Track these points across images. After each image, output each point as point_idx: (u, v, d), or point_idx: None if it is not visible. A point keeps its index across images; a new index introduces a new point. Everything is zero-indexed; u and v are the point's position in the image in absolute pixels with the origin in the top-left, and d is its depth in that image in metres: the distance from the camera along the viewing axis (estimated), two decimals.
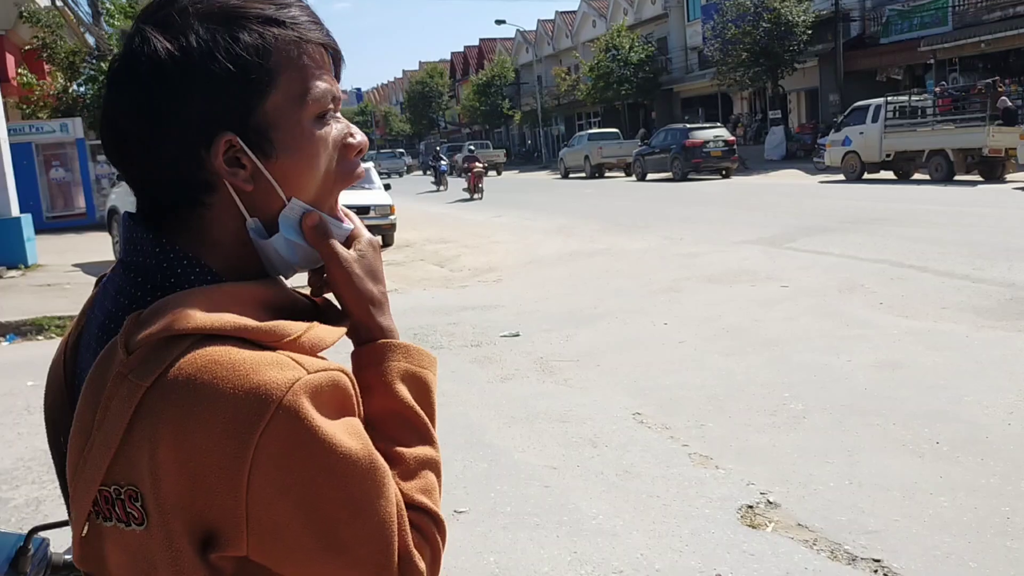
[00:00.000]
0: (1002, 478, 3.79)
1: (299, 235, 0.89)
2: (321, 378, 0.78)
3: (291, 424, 0.75)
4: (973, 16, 27.39)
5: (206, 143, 0.84)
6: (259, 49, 0.84)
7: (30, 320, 8.35)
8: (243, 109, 0.84)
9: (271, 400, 0.75)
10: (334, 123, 0.90)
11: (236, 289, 0.84)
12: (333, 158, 0.89)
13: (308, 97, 0.86)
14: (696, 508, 3.69)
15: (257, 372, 0.75)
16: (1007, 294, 7.38)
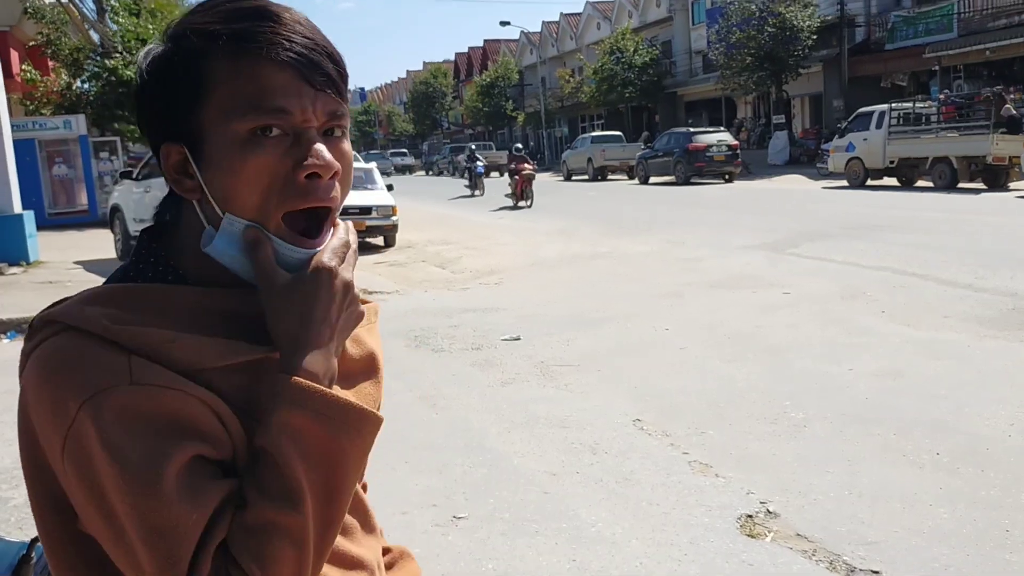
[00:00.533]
0: (1002, 490, 3.78)
1: (239, 249, 0.90)
2: (135, 392, 0.82)
3: (85, 427, 0.81)
4: (978, 23, 27.38)
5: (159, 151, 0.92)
6: (190, 63, 0.88)
7: (31, 317, 8.34)
8: (182, 120, 0.89)
9: (77, 399, 0.81)
10: (275, 142, 0.87)
11: (168, 291, 0.90)
12: (274, 176, 0.88)
13: (230, 117, 0.87)
14: (695, 517, 3.68)
15: (80, 371, 0.82)
16: (1009, 304, 7.37)
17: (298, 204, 0.89)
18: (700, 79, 42.05)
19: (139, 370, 0.83)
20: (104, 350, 0.83)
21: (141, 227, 13.40)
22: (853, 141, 22.46)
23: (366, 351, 1.05)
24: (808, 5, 30.84)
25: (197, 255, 0.92)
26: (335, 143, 0.92)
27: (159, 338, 0.85)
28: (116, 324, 0.84)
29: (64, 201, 20.21)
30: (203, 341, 0.86)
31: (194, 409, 0.84)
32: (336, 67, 0.92)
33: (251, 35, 0.87)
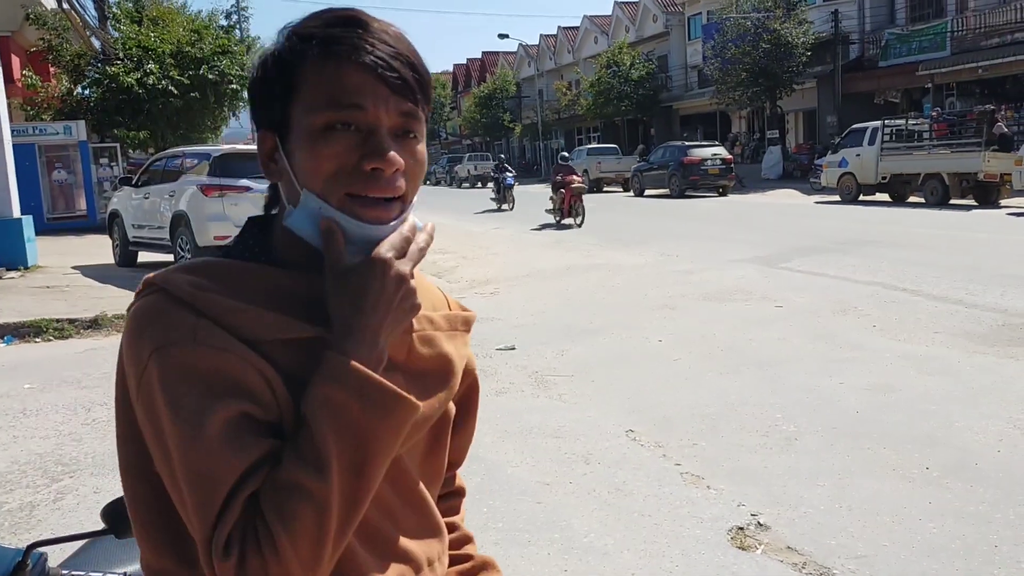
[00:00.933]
0: (991, 505, 3.81)
1: (312, 223, 0.99)
2: (196, 351, 0.92)
3: (152, 373, 0.92)
4: (971, 42, 27.58)
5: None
6: (288, 63, 0.99)
7: (28, 322, 8.36)
8: (276, 112, 1.01)
9: (149, 348, 0.93)
10: (347, 135, 0.97)
11: (248, 268, 1.01)
12: (341, 165, 0.97)
13: (314, 109, 0.97)
14: (687, 528, 3.72)
15: (158, 325, 0.94)
16: (1000, 320, 7.43)
17: (359, 191, 0.97)
18: (695, 93, 42.23)
19: (204, 332, 0.93)
20: (180, 311, 0.94)
21: (139, 233, 13.31)
22: (846, 156, 22.57)
23: (439, 353, 1.11)
24: (803, 22, 31.05)
25: (285, 241, 1.03)
26: (407, 143, 1.00)
27: (226, 306, 0.95)
28: (196, 289, 0.95)
29: (63, 206, 20.19)
30: (265, 315, 0.95)
31: (246, 372, 0.93)
32: (415, 73, 0.99)
33: (339, 39, 0.97)
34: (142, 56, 20.70)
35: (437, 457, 1.17)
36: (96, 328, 8.46)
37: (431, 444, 1.14)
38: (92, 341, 8.14)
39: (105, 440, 5.12)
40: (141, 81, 20.32)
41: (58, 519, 4.00)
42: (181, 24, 22.03)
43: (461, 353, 1.15)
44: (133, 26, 21.67)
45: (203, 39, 21.59)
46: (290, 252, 1.03)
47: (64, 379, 6.66)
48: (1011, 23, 26.68)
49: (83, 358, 7.42)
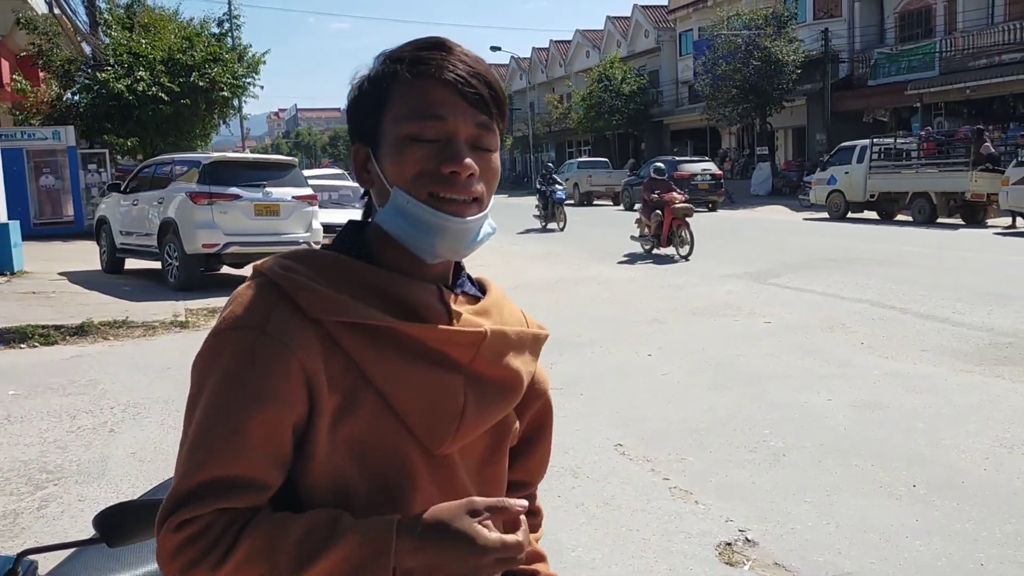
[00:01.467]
0: (977, 524, 3.82)
1: (401, 217, 1.09)
2: (258, 337, 1.01)
3: (217, 345, 1.03)
4: (960, 63, 27.82)
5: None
6: (380, 82, 1.10)
7: (13, 328, 8.29)
8: (368, 126, 1.12)
9: (222, 325, 1.03)
10: (428, 144, 1.07)
11: (337, 259, 1.09)
12: (423, 168, 1.07)
13: (401, 120, 1.07)
14: (675, 544, 3.71)
15: (239, 306, 1.04)
16: (986, 339, 7.47)
17: (438, 191, 1.07)
18: (686, 109, 42.43)
19: (276, 319, 1.02)
20: (267, 293, 1.04)
21: (127, 240, 13.20)
22: (835, 174, 22.70)
23: (505, 364, 1.15)
24: (793, 40, 31.28)
25: (377, 240, 1.13)
26: (483, 156, 1.10)
27: (303, 284, 1.04)
28: (283, 271, 1.05)
29: (50, 212, 20.06)
30: (337, 298, 1.03)
31: (294, 376, 1.01)
32: (491, 91, 1.10)
33: (425, 60, 1.08)
34: (133, 62, 20.66)
35: (495, 467, 1.21)
36: (82, 335, 8.40)
37: (489, 452, 1.19)
38: (78, 348, 8.09)
39: (90, 448, 5.09)
40: (131, 87, 20.27)
41: (42, 527, 3.96)
42: (172, 31, 22.00)
43: (528, 369, 1.21)
44: (124, 32, 21.64)
45: (194, 46, 21.57)
46: (381, 250, 1.12)
47: (49, 386, 6.61)
48: (999, 44, 26.94)
49: (69, 365, 7.37)
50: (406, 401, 1.06)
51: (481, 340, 1.10)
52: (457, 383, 1.09)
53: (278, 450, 1.02)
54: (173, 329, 8.74)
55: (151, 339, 8.45)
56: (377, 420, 1.05)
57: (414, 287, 1.09)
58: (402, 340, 1.06)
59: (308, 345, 1.02)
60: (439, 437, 1.08)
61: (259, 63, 23.10)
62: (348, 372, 1.04)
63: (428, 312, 1.09)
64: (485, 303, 1.19)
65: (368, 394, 1.04)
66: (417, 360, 1.06)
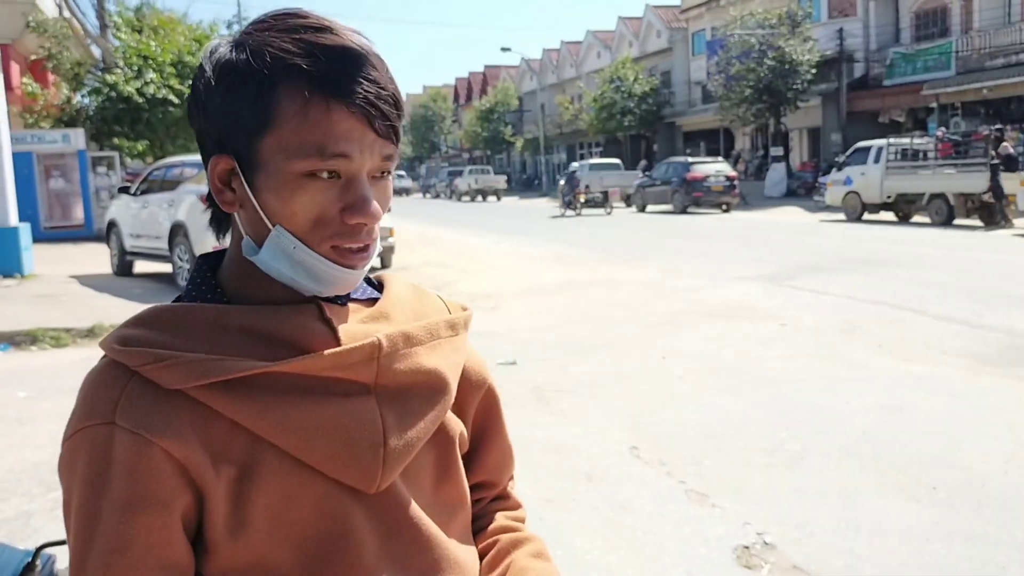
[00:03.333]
0: (999, 527, 3.75)
1: (286, 262, 0.93)
2: (108, 430, 0.87)
3: (63, 450, 0.92)
4: (976, 62, 27.66)
5: (209, 160, 0.96)
6: (262, 88, 0.89)
7: (24, 330, 8.30)
8: (242, 141, 0.92)
9: (69, 426, 0.91)
10: (328, 184, 0.91)
11: (190, 310, 0.94)
12: (322, 213, 0.91)
13: (294, 154, 0.89)
14: (692, 547, 3.65)
15: (87, 398, 0.91)
16: (1006, 341, 7.37)
17: (342, 243, 0.93)
18: (699, 109, 42.33)
19: (124, 408, 0.88)
20: (112, 376, 0.90)
21: (137, 243, 13.25)
22: (851, 175, 22.56)
23: (418, 368, 1.00)
24: (807, 40, 31.14)
25: (237, 276, 0.99)
26: (381, 184, 0.95)
27: (150, 358, 0.88)
28: (122, 345, 0.90)
29: (60, 215, 20.15)
30: (193, 360, 0.88)
31: (156, 467, 0.87)
32: (397, 112, 0.94)
33: (328, 78, 0.89)
34: (142, 65, 20.75)
35: (451, 483, 1.07)
36: (92, 337, 8.39)
37: (439, 470, 1.05)
38: (88, 350, 8.08)
39: None
40: (141, 90, 20.36)
41: (55, 527, 3.93)
42: (182, 33, 22.09)
43: (452, 361, 1.04)
44: (134, 35, 21.72)
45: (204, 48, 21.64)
46: (242, 284, 0.98)
47: (60, 388, 6.59)
48: (1016, 44, 26.76)
49: (79, 367, 7.33)
50: (311, 447, 0.90)
51: (377, 351, 0.95)
52: (368, 406, 0.93)
53: (169, 558, 0.88)
54: None
55: None
56: (288, 479, 0.90)
57: (287, 314, 0.94)
58: (285, 381, 0.90)
59: (172, 427, 0.87)
60: (367, 474, 0.93)
61: None
62: (235, 436, 0.89)
63: (308, 338, 0.93)
64: (382, 305, 1.03)
65: (267, 453, 0.90)
66: (311, 397, 0.91)
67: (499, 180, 49.04)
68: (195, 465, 0.88)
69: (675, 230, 21.51)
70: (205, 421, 0.88)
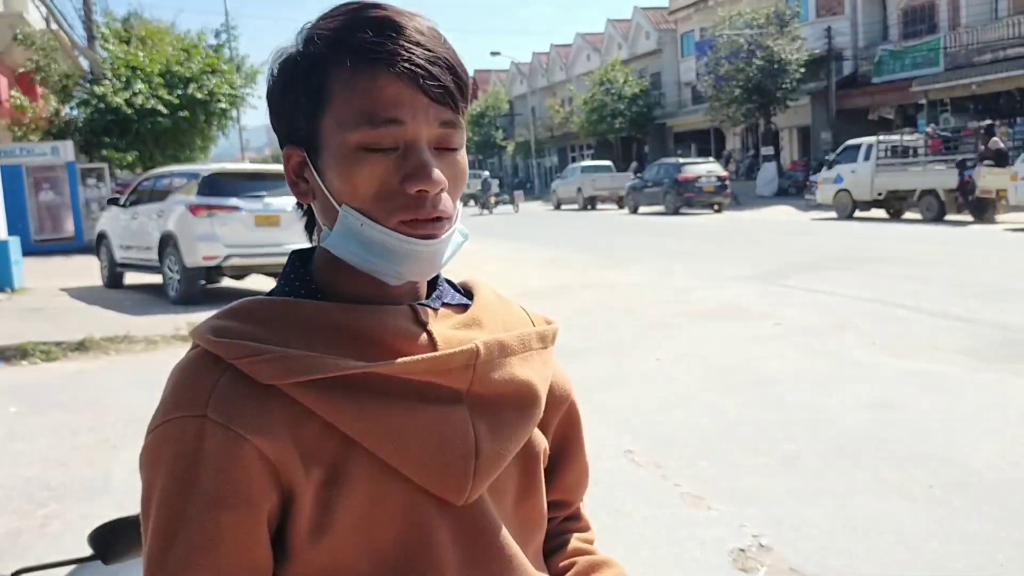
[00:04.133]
0: (996, 524, 3.73)
1: (355, 241, 0.91)
2: (200, 423, 0.84)
3: (147, 441, 0.88)
4: (964, 58, 27.77)
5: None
6: (314, 72, 0.89)
7: (14, 345, 8.24)
8: (304, 127, 0.92)
9: (158, 416, 0.87)
10: (386, 154, 0.89)
11: (284, 304, 0.92)
12: (383, 185, 0.89)
13: (348, 126, 0.88)
14: (688, 550, 3.63)
15: (178, 388, 0.87)
16: (999, 336, 7.37)
17: (406, 216, 0.89)
18: (689, 110, 42.41)
19: (217, 400, 0.85)
20: (205, 367, 0.87)
21: (127, 254, 13.18)
22: (841, 173, 22.61)
23: (511, 379, 0.97)
24: (796, 39, 31.22)
25: (326, 266, 0.96)
26: (448, 156, 0.92)
27: (248, 351, 0.86)
28: (218, 336, 0.87)
29: (50, 228, 20.05)
30: (290, 355, 0.85)
31: (248, 464, 0.85)
32: (455, 78, 0.90)
33: (371, 47, 0.87)
34: (130, 75, 20.68)
35: (532, 501, 1.03)
36: (83, 351, 8.34)
37: (523, 484, 1.02)
38: (79, 364, 8.03)
39: (93, 465, 5.03)
40: (129, 101, 20.28)
41: (45, 545, 3.90)
42: (170, 43, 22.00)
43: (542, 375, 1.01)
44: (122, 45, 21.64)
45: (192, 58, 21.59)
46: (333, 279, 0.95)
47: (51, 403, 6.56)
48: (1004, 39, 26.86)
49: (70, 381, 7.32)
50: (405, 454, 0.87)
51: (474, 358, 0.92)
52: (460, 415, 0.91)
53: (253, 560, 0.86)
54: (175, 343, 8.66)
55: (153, 353, 8.38)
56: (376, 485, 0.88)
57: (382, 315, 0.91)
58: (381, 383, 0.88)
59: (265, 423, 0.84)
60: (457, 485, 0.90)
61: (257, 73, 23.04)
62: (327, 437, 0.87)
63: (403, 341, 0.91)
64: (474, 311, 1.01)
65: (358, 457, 0.87)
66: (405, 402, 0.89)
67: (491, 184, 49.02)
68: (286, 465, 0.85)
69: (668, 231, 21.52)
70: (298, 419, 0.86)
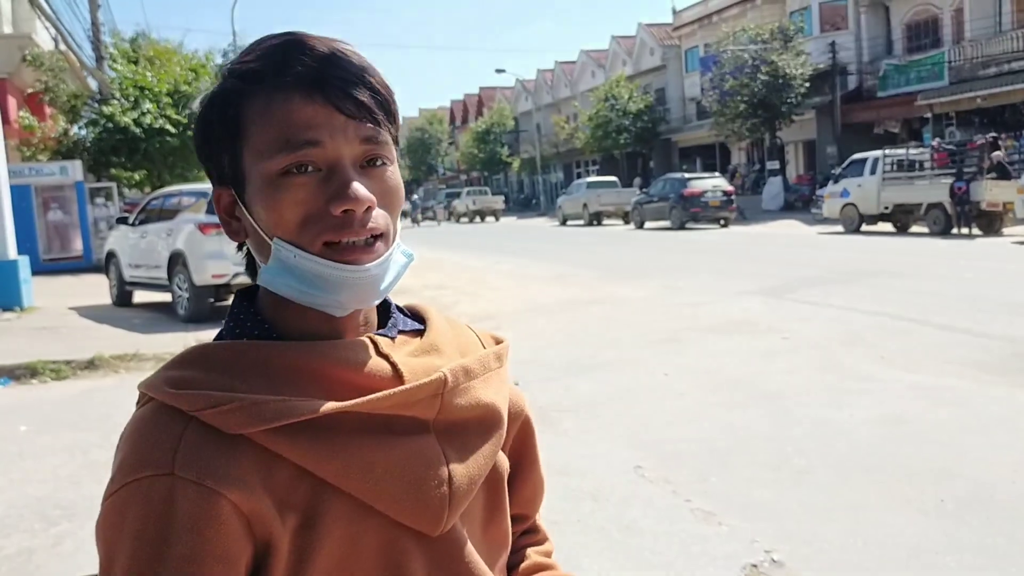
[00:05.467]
0: (1009, 538, 3.72)
1: (290, 273, 0.88)
2: (169, 481, 0.80)
3: (106, 508, 0.84)
4: (969, 72, 27.79)
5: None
6: (229, 106, 0.88)
7: (24, 364, 8.27)
8: (228, 165, 0.90)
9: (117, 478, 0.83)
10: (308, 178, 0.86)
11: (239, 348, 0.88)
12: (308, 211, 0.86)
13: (266, 154, 0.86)
14: (700, 567, 3.62)
15: (138, 446, 0.83)
16: (1008, 349, 7.35)
17: (333, 237, 0.86)
18: (694, 125, 42.49)
19: (185, 457, 0.81)
20: (165, 422, 0.83)
21: (136, 272, 13.22)
22: (847, 187, 22.62)
23: (476, 403, 0.96)
24: (800, 53, 31.31)
25: (273, 308, 0.93)
26: (375, 172, 0.89)
27: (212, 401, 0.82)
28: (177, 388, 0.83)
29: (59, 246, 20.14)
30: (255, 401, 0.82)
31: (224, 521, 0.81)
32: (373, 93, 0.88)
33: (280, 70, 0.86)
34: (138, 95, 20.84)
35: (498, 521, 1.03)
36: (93, 369, 8.37)
37: (489, 508, 1.01)
38: (89, 382, 8.05)
39: (103, 483, 4.97)
40: (138, 120, 20.43)
41: (57, 564, 3.91)
42: (177, 63, 22.18)
43: (502, 394, 1.01)
44: (130, 66, 21.81)
45: (200, 77, 21.76)
46: (281, 317, 0.92)
47: (61, 421, 6.57)
48: (1008, 52, 26.88)
49: (80, 399, 7.33)
50: (381, 490, 0.85)
51: (442, 387, 0.91)
52: (430, 444, 0.89)
53: None
54: None
55: None
56: (352, 526, 0.86)
57: (343, 351, 0.89)
58: (350, 421, 0.85)
59: (237, 475, 0.81)
60: (434, 516, 0.89)
61: None
62: (299, 482, 0.84)
63: (368, 375, 0.88)
64: (431, 337, 0.98)
65: (332, 499, 0.85)
66: (376, 437, 0.86)
67: (497, 201, 49.17)
68: (261, 516, 0.82)
69: (674, 246, 21.53)
70: (268, 467, 0.82)
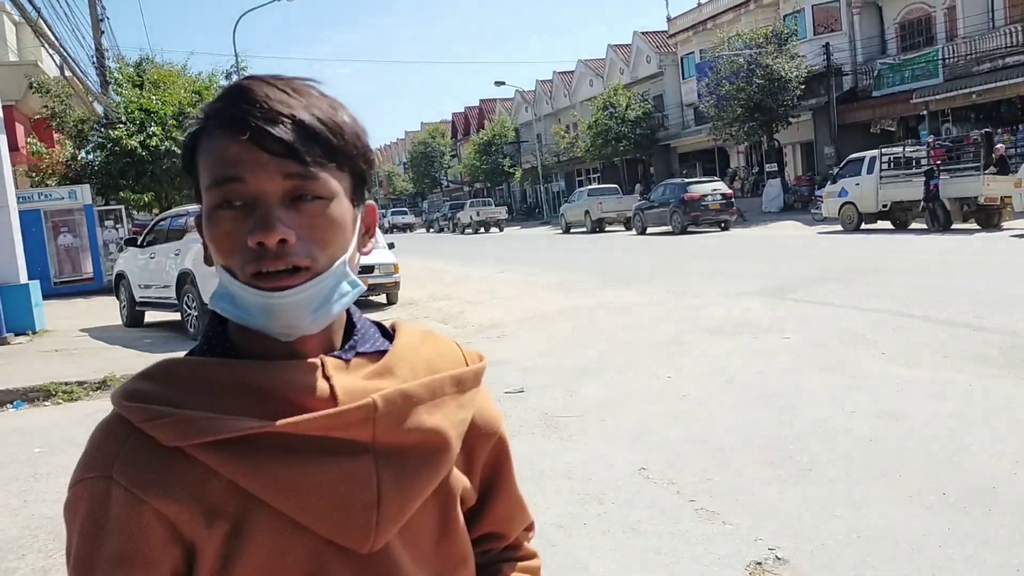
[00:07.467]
0: (1011, 530, 3.77)
1: (227, 299, 0.95)
2: (107, 483, 0.90)
3: (68, 497, 0.93)
4: (963, 68, 27.82)
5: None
6: (189, 142, 0.97)
7: (38, 386, 8.36)
8: (196, 194, 0.99)
9: (74, 475, 0.93)
10: (235, 212, 0.92)
11: (192, 364, 0.96)
12: (233, 242, 0.92)
13: (207, 187, 0.94)
14: (705, 566, 3.68)
15: (91, 449, 0.93)
16: (1008, 342, 7.40)
17: (254, 267, 0.91)
18: (692, 131, 42.53)
19: (122, 463, 0.90)
20: (115, 430, 0.92)
21: (146, 293, 13.23)
22: (846, 186, 22.65)
23: (417, 427, 0.97)
24: (795, 56, 31.37)
25: (237, 329, 0.98)
26: (304, 207, 0.92)
27: (149, 415, 0.90)
28: (129, 400, 0.92)
29: (70, 269, 20.27)
30: (190, 417, 0.89)
31: (146, 525, 0.89)
32: (301, 130, 0.91)
33: (219, 112, 0.93)
34: (144, 119, 20.98)
35: (452, 538, 1.05)
36: (105, 389, 8.45)
37: (442, 525, 1.04)
38: (101, 403, 8.12)
39: None
40: (144, 143, 20.57)
41: None
42: (182, 86, 22.34)
43: (455, 419, 1.01)
44: (135, 90, 21.96)
45: (204, 99, 21.87)
46: (247, 337, 0.97)
47: (74, 442, 6.63)
48: (1001, 48, 26.92)
49: (93, 420, 7.21)
50: (305, 507, 0.89)
51: (372, 412, 0.93)
52: (363, 466, 0.92)
53: None
54: None
55: None
56: (279, 538, 0.91)
57: (288, 371, 0.94)
58: (281, 440, 0.90)
59: (165, 485, 0.88)
60: (361, 534, 0.92)
61: None
62: (231, 494, 0.90)
63: (305, 396, 0.92)
64: (390, 358, 1.01)
65: (260, 511, 0.90)
66: (305, 456, 0.90)
67: (500, 211, 49.27)
68: (185, 523, 0.89)
69: (676, 250, 21.56)
70: (203, 478, 0.89)
